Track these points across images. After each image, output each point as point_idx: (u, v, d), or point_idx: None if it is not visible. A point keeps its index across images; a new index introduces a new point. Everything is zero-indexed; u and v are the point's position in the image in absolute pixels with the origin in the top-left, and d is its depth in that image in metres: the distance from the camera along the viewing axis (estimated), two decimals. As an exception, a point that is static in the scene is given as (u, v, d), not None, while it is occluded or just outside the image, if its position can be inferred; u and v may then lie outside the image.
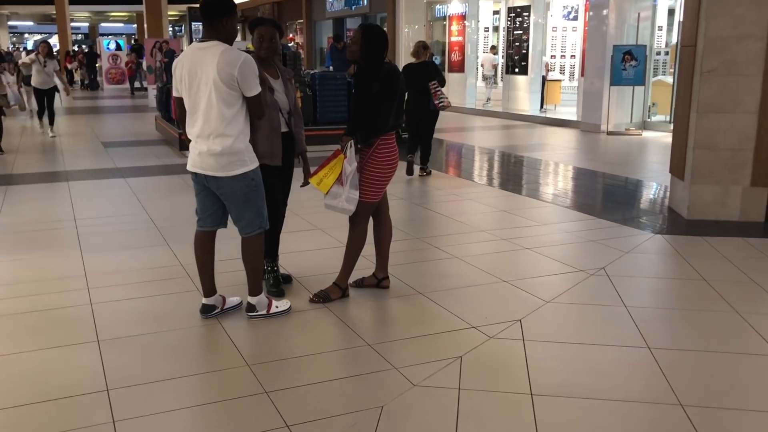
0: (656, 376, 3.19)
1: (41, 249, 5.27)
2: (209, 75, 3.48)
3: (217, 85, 3.47)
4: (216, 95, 3.49)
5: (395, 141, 4.11)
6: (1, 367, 3.31)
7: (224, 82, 3.47)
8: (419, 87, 7.97)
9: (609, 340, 3.59)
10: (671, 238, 5.56)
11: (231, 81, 3.48)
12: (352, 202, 3.98)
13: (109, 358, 3.37)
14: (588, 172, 8.76)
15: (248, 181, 3.63)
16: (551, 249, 5.21)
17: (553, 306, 4.06)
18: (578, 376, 3.19)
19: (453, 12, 18.51)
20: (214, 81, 3.47)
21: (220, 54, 3.48)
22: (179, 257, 4.95)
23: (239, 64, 3.47)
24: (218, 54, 3.48)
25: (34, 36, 57.48)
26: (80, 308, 4.03)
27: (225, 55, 3.48)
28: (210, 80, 3.48)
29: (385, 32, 4.09)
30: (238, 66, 3.46)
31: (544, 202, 6.95)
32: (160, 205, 6.79)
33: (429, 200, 7.01)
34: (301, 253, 5.07)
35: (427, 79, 8.03)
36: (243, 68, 3.48)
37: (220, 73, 3.46)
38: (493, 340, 3.58)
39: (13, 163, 9.38)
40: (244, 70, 3.48)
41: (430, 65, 8.34)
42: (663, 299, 4.31)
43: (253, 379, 3.16)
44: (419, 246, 5.30)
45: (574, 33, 19.05)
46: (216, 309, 3.89)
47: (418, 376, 3.17)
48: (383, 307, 4.15)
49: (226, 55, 3.48)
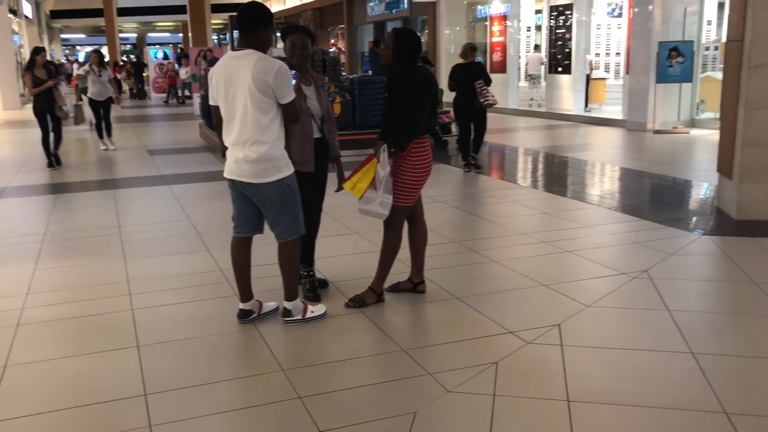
0: (700, 383, 3.08)
1: (86, 256, 5.41)
2: (244, 83, 3.51)
3: (252, 92, 3.50)
4: (251, 103, 3.52)
5: (429, 144, 4.08)
6: (43, 372, 3.40)
7: (259, 89, 3.50)
8: (467, 86, 8.44)
9: (650, 345, 3.49)
10: (719, 239, 5.38)
11: (266, 88, 3.51)
12: (385, 207, 3.96)
13: (148, 363, 3.43)
14: (634, 172, 8.56)
15: (284, 187, 3.65)
16: (593, 252, 5.10)
17: (593, 310, 3.97)
18: (618, 383, 3.11)
19: (494, 12, 18.38)
20: (249, 89, 3.50)
21: (255, 62, 3.51)
22: (219, 262, 5.01)
23: (274, 71, 3.50)
24: (253, 62, 3.51)
25: (86, 48, 59.24)
26: (121, 314, 4.11)
27: (260, 63, 3.51)
28: (245, 88, 3.51)
29: (418, 36, 4.07)
30: (272, 74, 3.49)
31: (587, 203, 6.81)
32: (202, 211, 6.89)
33: (468, 203, 6.94)
34: (336, 257, 5.08)
35: (474, 78, 8.36)
36: (277, 76, 3.51)
37: (255, 80, 3.49)
38: (530, 346, 3.51)
39: (63, 171, 9.66)
40: (278, 78, 3.51)
41: (476, 66, 8.74)
42: (708, 303, 4.17)
43: (287, 384, 3.17)
44: (457, 250, 5.25)
45: (618, 30, 18.68)
46: (253, 314, 3.92)
47: (452, 381, 3.13)
48: (419, 311, 4.12)
49: (261, 63, 3.51)
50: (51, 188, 8.35)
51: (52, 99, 9.77)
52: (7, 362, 3.48)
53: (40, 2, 36.38)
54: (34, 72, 9.66)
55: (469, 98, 8.45)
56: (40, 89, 9.61)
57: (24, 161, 10.75)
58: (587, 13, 15.99)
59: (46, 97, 9.72)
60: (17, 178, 9.20)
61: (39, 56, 9.75)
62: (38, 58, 9.72)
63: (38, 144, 12.94)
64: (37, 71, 9.67)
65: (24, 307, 4.25)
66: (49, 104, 9.77)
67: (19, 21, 27.03)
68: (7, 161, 10.93)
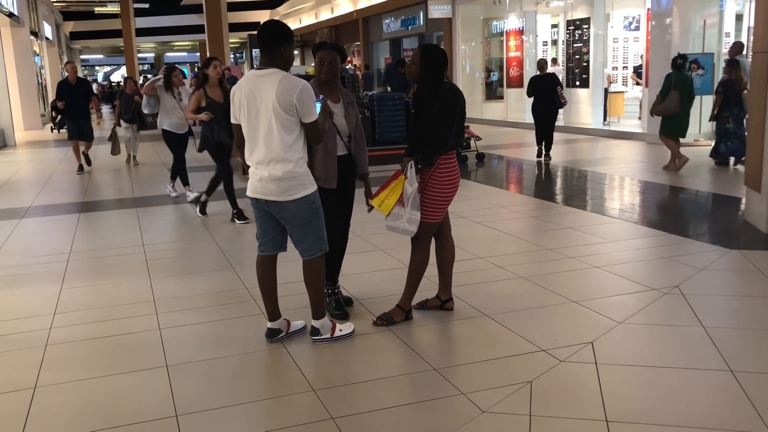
0: (742, 402, 3.00)
1: (112, 275, 5.42)
2: (268, 102, 3.51)
3: (277, 111, 3.50)
4: (276, 122, 3.51)
5: (456, 160, 4.06)
6: (73, 393, 3.38)
7: (283, 108, 3.49)
8: (545, 92, 10.80)
9: (688, 363, 3.41)
10: (749, 253, 5.29)
11: (290, 107, 3.50)
12: (413, 224, 3.93)
13: (178, 383, 3.41)
14: (656, 185, 8.47)
15: (309, 204, 3.64)
16: (621, 267, 5.03)
17: (626, 327, 3.90)
18: (656, 402, 3.04)
19: (510, 27, 18.37)
20: (274, 108, 3.50)
21: (279, 81, 3.50)
22: (244, 281, 5.00)
23: (298, 91, 3.49)
24: (277, 81, 3.50)
25: (104, 68, 60.06)
26: (149, 333, 4.10)
27: (284, 82, 3.51)
28: (270, 107, 3.51)
29: (445, 52, 4.05)
30: (296, 93, 3.49)
31: (611, 218, 6.74)
32: (225, 229, 6.89)
33: (491, 218, 6.89)
34: (363, 274, 5.05)
35: (552, 85, 10.83)
36: (301, 95, 3.50)
37: (279, 99, 3.48)
38: (563, 364, 3.45)
39: (85, 189, 9.73)
40: (302, 97, 3.50)
41: (552, 76, 11.14)
42: (744, 319, 4.08)
43: (319, 404, 3.13)
44: (483, 266, 5.20)
45: (636, 43, 18.60)
46: (281, 333, 3.89)
47: (486, 401, 3.08)
48: (448, 329, 4.07)
49: (285, 82, 3.51)
50: (74, 207, 8.40)
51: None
52: (37, 383, 3.47)
53: (60, 24, 36.98)
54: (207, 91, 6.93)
55: (546, 102, 10.81)
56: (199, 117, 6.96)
57: (46, 181, 10.84)
58: (604, 27, 15.95)
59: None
60: (40, 197, 9.28)
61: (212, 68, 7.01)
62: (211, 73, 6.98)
63: (59, 163, 13.14)
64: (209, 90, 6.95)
65: (52, 327, 4.25)
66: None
67: (40, 42, 27.44)
68: (30, 181, 11.04)
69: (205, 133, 6.99)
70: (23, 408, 3.21)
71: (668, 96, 9.41)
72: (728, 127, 9.48)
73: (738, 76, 9.32)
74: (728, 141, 9.53)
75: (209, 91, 6.88)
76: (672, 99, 9.33)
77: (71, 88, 11.45)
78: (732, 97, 9.36)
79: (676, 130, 9.52)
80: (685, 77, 9.60)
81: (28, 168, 12.90)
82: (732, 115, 9.44)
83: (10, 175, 11.82)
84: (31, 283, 5.30)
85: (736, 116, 9.41)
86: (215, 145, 6.92)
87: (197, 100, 6.85)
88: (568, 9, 16.21)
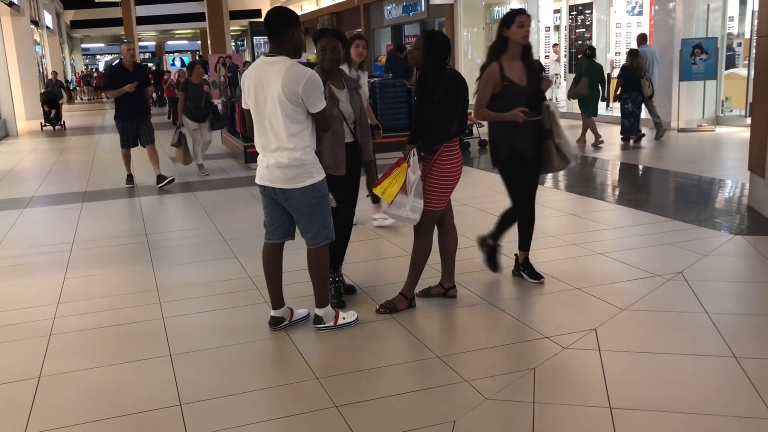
0: (745, 388, 3.00)
1: (115, 264, 5.42)
2: (274, 91, 3.49)
3: (282, 101, 3.48)
4: (281, 111, 3.50)
5: (459, 147, 4.04)
6: (78, 382, 3.39)
7: (288, 98, 3.47)
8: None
9: (691, 350, 3.41)
10: (753, 239, 5.27)
11: (295, 98, 3.48)
12: (416, 211, 3.92)
13: (182, 372, 3.41)
14: (660, 171, 8.44)
15: (315, 192, 3.63)
16: (624, 253, 5.02)
17: (629, 314, 3.89)
18: (660, 388, 3.03)
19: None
20: (279, 97, 3.48)
21: (285, 70, 3.48)
22: (247, 269, 5.00)
23: (304, 81, 3.47)
24: (283, 70, 3.48)
25: (105, 57, 59.92)
26: (153, 322, 4.11)
27: (290, 71, 3.48)
28: (275, 96, 3.49)
29: (448, 39, 4.03)
30: (302, 83, 3.46)
31: (615, 204, 6.72)
32: (228, 217, 6.89)
33: (494, 206, 6.86)
34: (366, 262, 5.04)
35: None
36: (307, 85, 3.47)
37: (284, 89, 3.46)
38: (567, 351, 3.45)
39: (87, 178, 9.73)
40: (308, 87, 3.48)
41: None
42: (748, 305, 4.07)
43: (323, 392, 3.14)
44: (486, 253, 5.18)
45: (639, 28, 18.49)
46: (284, 321, 3.90)
47: (490, 389, 3.08)
48: (451, 317, 4.07)
49: (291, 72, 3.48)
50: (76, 197, 8.40)
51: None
52: (41, 373, 3.48)
53: (60, 13, 36.86)
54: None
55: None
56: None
57: (48, 170, 10.85)
58: (606, 12, 15.84)
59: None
60: (43, 187, 9.29)
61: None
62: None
63: (61, 153, 13.13)
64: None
65: (55, 317, 4.26)
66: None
67: (41, 31, 27.37)
68: (33, 171, 11.05)
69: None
70: (28, 397, 3.22)
71: (580, 82, 10.99)
72: (627, 107, 10.87)
73: (637, 64, 10.73)
74: (627, 119, 10.96)
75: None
76: (582, 84, 10.92)
77: (128, 77, 8.42)
78: (630, 82, 10.75)
79: (587, 110, 11.04)
80: (596, 65, 11.20)
81: (30, 158, 12.90)
82: (630, 97, 10.80)
83: (13, 165, 11.82)
84: (34, 273, 5.31)
85: (634, 98, 10.80)
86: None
87: None
88: (571, -6, 16.09)
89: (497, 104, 4.17)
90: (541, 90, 4.28)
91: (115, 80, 8.49)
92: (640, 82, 10.72)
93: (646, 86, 10.74)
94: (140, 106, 8.57)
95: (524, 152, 4.25)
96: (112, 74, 8.87)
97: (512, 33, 4.17)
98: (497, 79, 4.14)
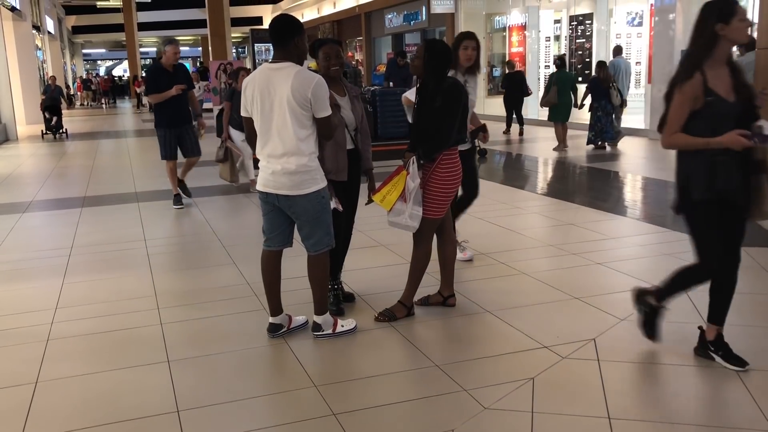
0: (745, 399, 2.99)
1: (114, 270, 5.41)
2: (283, 95, 3.50)
3: (291, 105, 3.49)
4: (291, 116, 3.51)
5: (458, 156, 4.04)
6: (75, 387, 3.38)
7: (298, 103, 3.49)
8: (514, 85, 13.60)
9: (690, 361, 3.40)
10: (752, 250, 5.27)
11: (305, 102, 3.49)
12: (415, 219, 3.92)
13: (179, 379, 3.40)
14: (659, 182, 8.45)
15: (319, 198, 3.63)
16: (623, 263, 5.02)
17: (628, 324, 3.89)
18: (660, 399, 3.03)
19: (513, 23, 18.34)
20: (288, 101, 3.49)
21: (294, 75, 3.49)
22: (246, 276, 4.99)
23: (313, 85, 3.49)
24: (292, 75, 3.50)
25: (106, 62, 60.05)
26: (151, 328, 4.10)
27: (299, 76, 3.50)
28: (284, 101, 3.50)
29: (449, 47, 4.04)
30: (311, 87, 3.48)
31: (614, 214, 6.72)
32: (226, 224, 6.89)
33: (493, 214, 6.88)
34: (365, 270, 5.04)
35: (520, 80, 13.12)
36: (316, 90, 3.50)
37: (294, 93, 3.47)
38: (566, 361, 3.44)
39: (87, 183, 9.73)
40: (317, 92, 3.50)
41: (521, 73, 13.65)
42: (747, 316, 4.06)
43: (320, 400, 3.12)
44: (485, 262, 5.19)
45: (639, 39, 18.57)
46: (283, 328, 3.89)
47: (488, 398, 3.07)
48: (450, 325, 4.06)
49: (300, 77, 3.50)
50: (76, 202, 8.40)
51: None
52: (38, 378, 3.47)
53: (62, 18, 36.95)
54: None
55: (515, 92, 13.40)
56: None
57: (48, 175, 10.84)
58: (607, 23, 15.92)
59: None
60: (42, 192, 9.28)
61: None
62: None
63: (61, 158, 13.13)
64: None
65: (53, 322, 4.25)
66: None
67: (42, 36, 27.43)
68: (32, 175, 11.04)
69: None
70: (25, 402, 3.21)
71: (550, 90, 11.69)
72: (599, 115, 11.55)
73: (605, 75, 11.52)
74: (592, 131, 11.70)
75: None
76: (552, 93, 11.62)
77: (169, 78, 7.39)
78: (598, 92, 11.52)
79: (557, 117, 11.73)
80: (566, 74, 11.97)
81: (30, 162, 12.90)
82: (600, 106, 11.52)
83: (12, 169, 11.82)
84: (33, 277, 5.30)
85: (603, 107, 11.52)
86: None
87: None
88: (571, 5, 16.18)
89: (696, 126, 3.14)
90: (756, 106, 3.19)
91: (156, 82, 7.50)
92: (608, 92, 11.46)
93: (614, 96, 11.46)
94: (184, 112, 7.62)
95: (731, 191, 3.16)
96: (151, 76, 7.85)
97: (733, 29, 3.08)
98: (698, 93, 3.11)
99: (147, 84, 8.12)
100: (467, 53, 4.70)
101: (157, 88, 7.43)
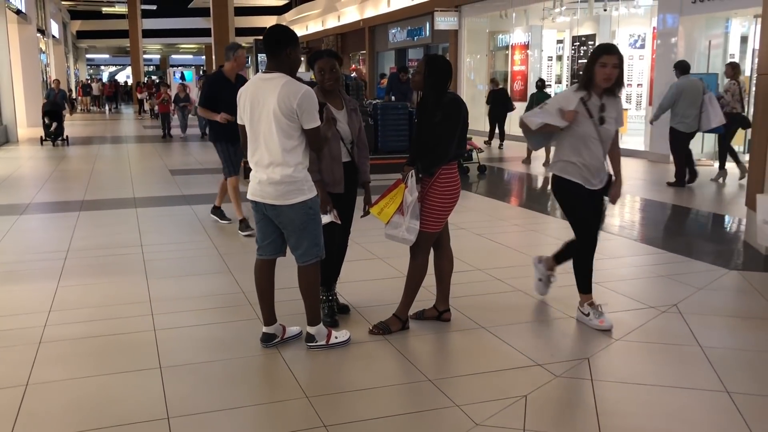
0: (737, 423, 2.98)
1: (109, 274, 5.40)
2: (270, 106, 3.51)
3: (277, 116, 3.50)
4: (276, 126, 3.52)
5: (457, 170, 4.05)
6: (66, 391, 3.36)
7: (284, 114, 3.49)
8: (498, 101, 14.80)
9: (684, 383, 3.39)
10: (749, 274, 5.27)
11: (291, 113, 3.50)
12: (412, 232, 3.92)
13: (171, 385, 3.38)
14: (657, 203, 8.47)
15: (306, 209, 3.63)
16: (620, 284, 5.02)
17: (623, 344, 3.88)
18: (652, 421, 3.02)
19: (516, 41, 18.42)
20: (275, 112, 3.50)
21: (281, 86, 3.51)
22: (241, 284, 4.98)
23: (299, 96, 3.49)
24: (280, 86, 3.51)
25: (110, 68, 60.24)
26: (144, 334, 4.08)
27: (286, 87, 3.51)
28: (270, 111, 3.51)
29: (449, 63, 4.06)
30: (298, 98, 3.49)
31: (611, 234, 6.73)
32: (224, 232, 6.88)
33: (491, 231, 6.88)
34: (360, 282, 5.03)
35: (504, 96, 14.43)
36: (302, 101, 3.50)
37: (280, 104, 3.48)
38: (559, 379, 3.43)
39: (85, 187, 9.72)
40: (303, 103, 3.50)
41: (504, 90, 14.17)
42: (742, 340, 4.05)
43: (312, 411, 3.11)
44: (481, 278, 5.19)
45: (640, 61, 18.67)
46: (276, 338, 3.88)
47: (480, 414, 3.06)
48: (444, 340, 4.05)
49: (288, 88, 3.51)
50: (73, 205, 8.39)
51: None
52: (29, 381, 3.45)
53: (67, 23, 37.10)
54: None
55: (499, 107, 14.63)
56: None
57: (47, 178, 10.84)
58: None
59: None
60: (40, 194, 9.28)
61: None
62: None
63: (60, 161, 13.13)
64: None
65: (46, 325, 4.23)
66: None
67: (47, 40, 27.53)
68: (31, 178, 11.04)
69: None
70: (14, 405, 3.18)
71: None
72: None
73: None
74: None
75: None
76: None
77: (230, 91, 5.05)
78: None
79: None
80: (545, 95, 12.30)
81: (29, 165, 12.90)
82: None
83: (11, 171, 11.81)
84: (27, 280, 5.28)
85: None
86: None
87: None
88: (574, 25, 16.27)
89: None
90: None
91: (215, 93, 6.54)
92: None
93: None
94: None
95: None
96: (210, 87, 6.75)
97: None
98: None
99: (203, 93, 6.95)
100: (605, 71, 3.95)
101: (216, 103, 6.49)
